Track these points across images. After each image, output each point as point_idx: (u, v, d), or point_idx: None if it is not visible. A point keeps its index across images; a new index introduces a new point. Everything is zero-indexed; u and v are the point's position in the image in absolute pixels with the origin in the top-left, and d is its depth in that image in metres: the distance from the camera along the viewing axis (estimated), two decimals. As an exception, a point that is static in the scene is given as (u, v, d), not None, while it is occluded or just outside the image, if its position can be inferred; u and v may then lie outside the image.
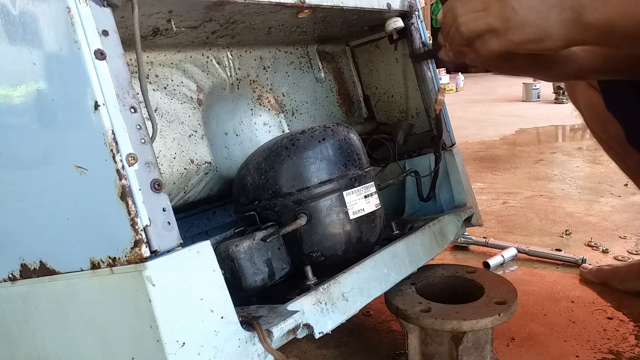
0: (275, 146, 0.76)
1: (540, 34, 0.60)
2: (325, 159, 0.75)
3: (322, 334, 0.64)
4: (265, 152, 0.77)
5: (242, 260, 0.66)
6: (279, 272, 0.71)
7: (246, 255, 0.67)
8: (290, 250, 0.74)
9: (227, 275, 0.66)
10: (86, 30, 0.50)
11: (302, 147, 0.74)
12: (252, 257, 0.67)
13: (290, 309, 0.61)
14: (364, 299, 0.72)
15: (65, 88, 0.53)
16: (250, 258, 0.67)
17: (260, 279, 0.68)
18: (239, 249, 0.67)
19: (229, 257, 0.66)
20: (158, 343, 0.49)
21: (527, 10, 0.60)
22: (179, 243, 0.52)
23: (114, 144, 0.50)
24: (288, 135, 0.77)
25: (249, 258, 0.67)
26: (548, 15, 0.59)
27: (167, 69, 0.80)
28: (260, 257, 0.68)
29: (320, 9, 0.78)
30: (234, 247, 0.67)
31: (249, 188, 0.76)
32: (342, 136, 0.78)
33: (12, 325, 0.73)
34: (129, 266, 0.51)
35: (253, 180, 0.75)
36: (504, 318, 0.75)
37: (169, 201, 0.53)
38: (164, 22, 0.67)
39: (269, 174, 0.74)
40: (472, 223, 1.02)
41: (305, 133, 0.76)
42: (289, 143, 0.75)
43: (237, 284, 0.67)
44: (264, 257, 0.69)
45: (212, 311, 0.52)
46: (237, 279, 0.67)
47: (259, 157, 0.77)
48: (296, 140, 0.75)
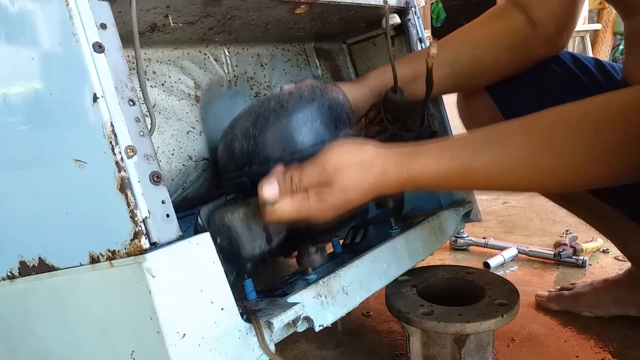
0: (262, 110, 0.73)
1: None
2: (316, 120, 0.72)
3: (322, 327, 0.63)
4: (253, 117, 0.73)
5: (239, 228, 0.64)
6: (276, 236, 0.68)
7: (243, 223, 0.64)
8: None
9: (224, 244, 0.64)
10: (84, 24, 0.50)
11: (291, 110, 0.71)
12: (249, 224, 0.65)
13: (290, 302, 0.61)
14: (364, 293, 0.72)
15: (63, 81, 0.53)
16: (247, 225, 0.65)
17: (259, 245, 0.66)
18: (235, 217, 0.64)
19: (225, 226, 0.64)
20: (158, 335, 0.49)
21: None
22: (178, 235, 0.52)
23: (112, 136, 0.50)
24: (275, 98, 0.73)
25: (245, 225, 0.64)
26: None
27: (165, 66, 0.80)
28: (256, 223, 0.65)
29: (317, 5, 0.78)
30: (230, 215, 0.64)
31: (238, 155, 0.73)
32: (331, 96, 0.75)
33: (12, 323, 0.72)
34: (129, 258, 0.51)
35: (242, 146, 0.72)
36: (507, 320, 0.75)
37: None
38: (161, 18, 0.67)
39: (259, 139, 0.71)
40: (470, 218, 1.02)
41: (293, 94, 0.73)
42: (277, 106, 0.72)
43: (235, 252, 0.65)
44: (260, 223, 0.65)
45: (212, 303, 0.52)
46: (236, 247, 0.65)
47: (246, 122, 0.73)
48: (285, 103, 0.72)
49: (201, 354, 0.51)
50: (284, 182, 0.60)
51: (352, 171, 0.59)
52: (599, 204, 0.90)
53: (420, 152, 0.60)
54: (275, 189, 0.59)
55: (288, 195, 0.60)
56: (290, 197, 0.60)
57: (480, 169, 0.57)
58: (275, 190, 0.59)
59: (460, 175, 0.58)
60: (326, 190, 0.59)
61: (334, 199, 0.59)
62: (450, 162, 0.58)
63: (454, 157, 0.58)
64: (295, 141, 0.70)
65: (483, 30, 0.88)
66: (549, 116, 0.57)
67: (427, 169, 0.59)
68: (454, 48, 0.87)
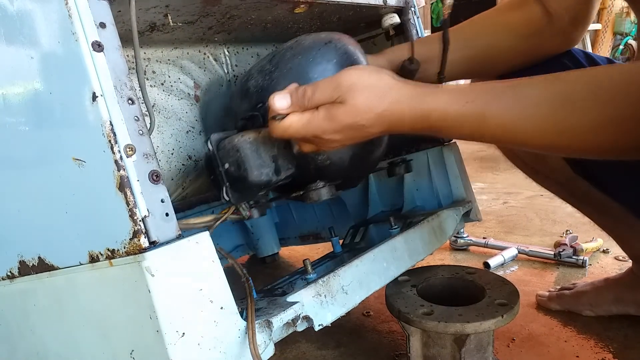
0: (280, 48, 0.73)
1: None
2: (332, 60, 0.71)
3: (322, 327, 0.63)
4: (270, 55, 0.74)
5: (247, 150, 0.63)
6: (285, 170, 0.67)
7: (252, 146, 0.64)
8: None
9: (232, 169, 0.64)
10: (84, 23, 0.50)
11: (307, 47, 0.71)
12: (258, 149, 0.64)
13: (289, 301, 0.61)
14: (364, 292, 0.72)
15: (63, 80, 0.53)
16: (257, 150, 0.64)
17: (266, 173, 0.64)
18: (244, 139, 0.64)
19: (235, 148, 0.64)
20: (158, 334, 0.49)
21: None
22: (177, 234, 0.52)
23: (112, 135, 0.50)
24: (293, 39, 0.74)
25: (255, 149, 0.64)
26: None
27: (164, 65, 0.80)
28: (266, 152, 0.64)
29: (316, 5, 0.78)
30: (240, 137, 0.64)
31: (252, 92, 0.72)
32: (346, 41, 0.75)
33: (11, 323, 0.72)
34: (128, 257, 0.51)
35: (257, 83, 0.72)
36: (507, 320, 0.75)
37: (168, 196, 0.53)
38: (160, 17, 0.67)
39: (274, 74, 0.71)
40: (470, 218, 1.02)
41: (310, 35, 0.74)
42: (294, 43, 0.73)
43: (242, 177, 0.64)
44: (270, 152, 0.65)
45: (211, 302, 0.52)
46: (243, 171, 0.64)
47: (263, 61, 0.74)
48: (302, 41, 0.72)
49: (200, 353, 0.51)
50: (296, 95, 0.59)
51: (367, 93, 0.57)
52: (604, 199, 0.90)
53: (437, 91, 0.58)
54: (286, 101, 0.59)
55: (299, 110, 0.59)
56: (300, 113, 0.59)
57: (495, 117, 0.56)
58: (287, 101, 0.59)
59: (473, 120, 0.56)
60: (337, 108, 0.57)
61: (344, 119, 0.58)
62: (465, 104, 0.56)
63: (471, 100, 0.56)
64: (310, 79, 0.69)
65: (500, 17, 0.89)
66: (573, 74, 0.56)
67: (442, 108, 0.57)
68: (471, 32, 0.88)
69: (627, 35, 5.29)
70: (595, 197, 0.92)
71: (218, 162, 0.66)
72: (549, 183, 1.03)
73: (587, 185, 0.91)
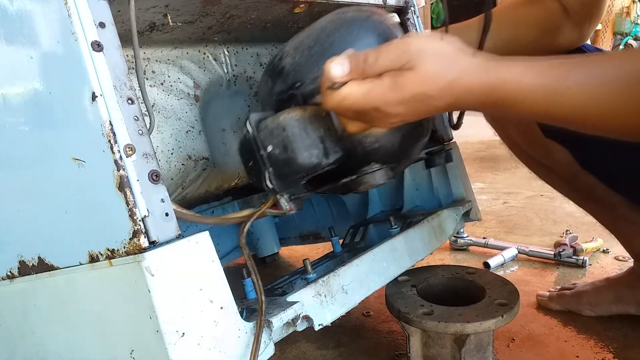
0: (319, 22, 0.67)
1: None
2: (375, 34, 0.65)
3: (322, 326, 0.63)
4: (307, 30, 0.67)
5: (295, 129, 0.57)
6: (333, 153, 0.60)
7: (300, 124, 0.58)
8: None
9: (277, 151, 0.58)
10: (83, 22, 0.50)
11: (350, 20, 0.66)
12: (306, 128, 0.58)
13: (289, 300, 0.61)
14: (364, 292, 0.72)
15: (62, 80, 0.53)
16: (305, 128, 0.58)
17: (316, 154, 0.58)
18: (291, 116, 0.58)
19: (280, 126, 0.57)
20: (157, 333, 0.49)
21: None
22: (177, 234, 0.52)
23: (111, 134, 0.50)
24: (333, 13, 0.69)
25: (303, 127, 0.58)
26: None
27: (164, 65, 0.80)
28: (313, 132, 0.58)
29: (316, 4, 0.78)
30: (286, 115, 0.58)
31: (288, 71, 0.65)
32: (386, 16, 0.70)
33: (11, 323, 0.72)
34: (128, 257, 0.51)
35: (293, 61, 0.65)
36: (507, 320, 0.75)
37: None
38: (160, 17, 0.67)
39: (314, 49, 0.64)
40: (470, 217, 1.02)
41: (350, 8, 0.69)
42: (334, 16, 0.67)
43: (288, 160, 0.58)
44: (317, 133, 0.59)
45: (211, 302, 0.52)
46: (290, 152, 0.57)
47: (300, 37, 0.67)
48: (343, 14, 0.67)
49: (200, 352, 0.51)
50: (355, 61, 0.53)
51: (437, 59, 0.52)
52: (608, 196, 0.91)
53: (510, 61, 0.53)
54: (344, 67, 0.53)
55: (358, 77, 0.53)
56: (360, 80, 0.53)
57: (569, 90, 0.51)
58: (345, 67, 0.53)
59: (545, 93, 0.52)
60: (405, 75, 0.51)
61: (412, 87, 0.52)
62: (538, 76, 0.52)
63: (545, 72, 0.52)
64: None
65: (520, 12, 0.90)
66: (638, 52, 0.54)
67: (516, 79, 0.52)
68: (496, 24, 0.87)
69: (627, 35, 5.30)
70: (600, 193, 0.93)
71: (259, 145, 0.59)
72: (554, 178, 1.03)
73: (592, 180, 0.91)
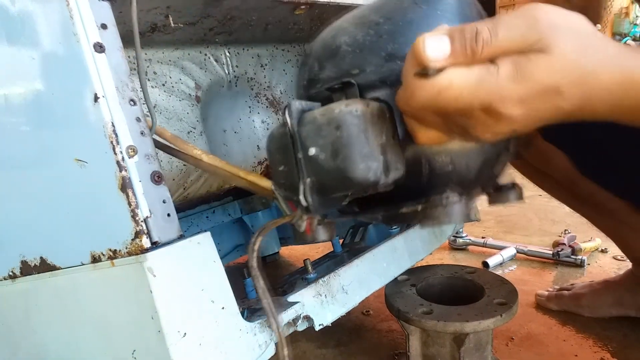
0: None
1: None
2: (466, 14, 0.49)
3: (322, 326, 0.64)
4: (371, 5, 0.51)
5: (354, 129, 0.42)
6: (394, 170, 0.45)
7: (360, 124, 0.42)
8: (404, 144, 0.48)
9: (322, 156, 0.43)
10: (85, 24, 0.50)
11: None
12: (367, 131, 0.42)
13: (290, 301, 0.61)
14: (364, 292, 0.72)
15: (64, 81, 0.53)
16: (365, 131, 0.42)
17: (375, 169, 0.42)
18: (351, 111, 0.42)
19: (334, 122, 0.42)
20: (159, 334, 0.49)
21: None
22: (179, 234, 0.53)
23: (113, 136, 0.50)
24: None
25: (364, 130, 0.42)
26: None
27: (165, 66, 0.80)
28: (375, 137, 0.43)
29: (317, 6, 0.78)
30: (344, 107, 0.42)
31: (345, 52, 0.49)
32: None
33: (13, 323, 0.73)
34: (130, 258, 0.51)
35: (353, 40, 0.49)
36: (506, 319, 0.75)
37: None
38: (162, 18, 0.67)
39: (383, 27, 0.48)
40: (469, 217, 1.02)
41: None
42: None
43: (338, 170, 0.43)
44: (379, 140, 0.43)
45: (213, 302, 0.53)
46: (341, 161, 0.42)
47: (362, 11, 0.51)
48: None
49: (202, 353, 0.51)
50: (461, 38, 0.37)
51: (576, 40, 0.37)
52: (608, 201, 0.90)
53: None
54: (444, 45, 0.37)
55: (464, 61, 0.37)
56: (466, 66, 0.37)
57: None
58: (445, 46, 0.37)
59: None
60: (535, 59, 0.36)
61: (543, 77, 0.37)
62: None
63: None
64: None
65: None
66: None
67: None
68: None
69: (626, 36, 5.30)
70: (599, 198, 0.93)
71: (299, 144, 0.44)
72: (550, 184, 1.03)
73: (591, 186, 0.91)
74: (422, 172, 0.49)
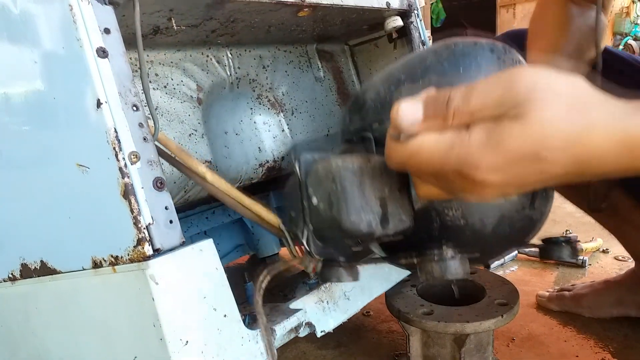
0: (418, 54, 0.55)
1: None
2: (487, 72, 0.50)
3: (324, 333, 0.64)
4: (401, 60, 0.55)
5: (347, 182, 0.45)
6: (395, 222, 0.47)
7: (355, 178, 0.45)
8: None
9: (322, 205, 0.46)
10: (88, 29, 0.50)
11: (460, 53, 0.52)
12: (362, 184, 0.45)
13: (292, 308, 0.61)
14: (366, 298, 0.72)
15: (66, 86, 0.53)
16: (360, 184, 0.45)
17: (368, 220, 0.45)
18: (346, 165, 0.45)
19: (330, 176, 0.45)
20: (161, 341, 0.49)
21: None
22: (181, 241, 0.52)
23: (116, 142, 0.50)
24: (440, 42, 0.55)
25: (358, 183, 0.45)
26: None
27: (167, 68, 0.80)
28: (373, 190, 0.46)
29: (320, 8, 0.77)
30: (340, 162, 0.45)
31: (369, 106, 0.53)
32: (515, 56, 0.55)
33: (12, 325, 0.72)
34: (132, 265, 0.51)
35: (377, 95, 0.52)
36: (507, 319, 0.75)
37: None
38: (164, 21, 0.67)
39: (404, 85, 0.51)
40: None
41: (464, 39, 0.54)
42: (441, 46, 0.53)
43: (332, 220, 0.46)
44: (378, 193, 0.46)
45: (215, 309, 0.52)
46: (336, 211, 0.45)
47: (391, 69, 0.55)
48: (453, 45, 0.53)
49: (204, 360, 0.51)
50: (434, 103, 0.38)
51: (558, 104, 0.35)
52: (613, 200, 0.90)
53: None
54: (417, 111, 0.38)
55: (436, 126, 0.38)
56: (438, 133, 0.38)
57: None
58: (418, 112, 0.38)
59: None
60: (509, 126, 0.36)
61: (519, 145, 0.36)
62: None
63: None
64: None
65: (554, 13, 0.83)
66: None
67: None
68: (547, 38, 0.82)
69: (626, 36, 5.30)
70: None
71: (304, 194, 0.48)
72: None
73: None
74: (432, 225, 0.50)
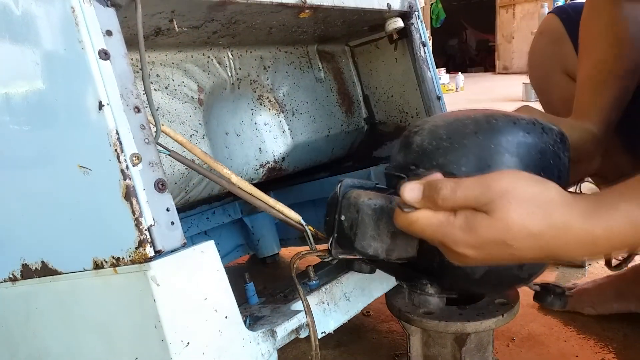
0: (464, 116, 0.61)
1: None
2: (519, 156, 0.57)
3: (325, 334, 0.64)
4: (450, 118, 0.62)
5: (366, 217, 0.57)
6: (401, 252, 0.58)
7: (374, 215, 0.57)
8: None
9: (346, 223, 0.59)
10: (90, 30, 0.50)
11: (496, 129, 0.58)
12: (378, 220, 0.57)
13: (293, 309, 0.61)
14: (366, 299, 0.72)
15: (68, 88, 0.53)
16: (377, 220, 0.57)
17: (375, 247, 0.57)
18: (369, 203, 0.57)
19: (356, 207, 0.58)
20: (162, 343, 0.49)
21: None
22: (182, 243, 0.52)
23: (118, 143, 0.50)
24: (487, 111, 0.62)
25: (375, 219, 0.57)
26: None
27: (168, 69, 0.80)
28: (387, 226, 0.57)
29: (321, 9, 0.78)
30: (366, 199, 0.57)
31: (413, 149, 0.62)
32: (552, 140, 0.60)
33: (13, 326, 0.72)
34: (133, 266, 0.51)
35: (422, 142, 0.61)
36: (507, 319, 0.75)
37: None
38: (166, 22, 0.67)
39: (443, 142, 0.59)
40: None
41: (508, 117, 0.61)
42: (482, 117, 0.60)
43: (349, 238, 0.59)
44: (391, 228, 0.56)
45: (216, 311, 0.53)
46: (353, 234, 0.58)
47: (440, 121, 0.63)
48: (493, 119, 0.59)
49: (205, 362, 0.51)
50: (429, 190, 0.49)
51: (523, 207, 0.45)
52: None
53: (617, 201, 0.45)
54: (416, 194, 0.49)
55: (431, 208, 0.49)
56: (432, 211, 0.49)
57: None
58: (416, 195, 0.49)
59: None
60: (480, 218, 0.47)
61: (486, 233, 0.46)
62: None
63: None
64: (486, 166, 0.57)
65: None
66: None
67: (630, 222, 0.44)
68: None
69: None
70: None
71: (337, 209, 0.61)
72: None
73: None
74: (434, 260, 0.59)
